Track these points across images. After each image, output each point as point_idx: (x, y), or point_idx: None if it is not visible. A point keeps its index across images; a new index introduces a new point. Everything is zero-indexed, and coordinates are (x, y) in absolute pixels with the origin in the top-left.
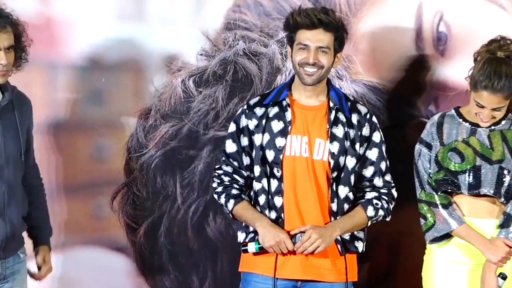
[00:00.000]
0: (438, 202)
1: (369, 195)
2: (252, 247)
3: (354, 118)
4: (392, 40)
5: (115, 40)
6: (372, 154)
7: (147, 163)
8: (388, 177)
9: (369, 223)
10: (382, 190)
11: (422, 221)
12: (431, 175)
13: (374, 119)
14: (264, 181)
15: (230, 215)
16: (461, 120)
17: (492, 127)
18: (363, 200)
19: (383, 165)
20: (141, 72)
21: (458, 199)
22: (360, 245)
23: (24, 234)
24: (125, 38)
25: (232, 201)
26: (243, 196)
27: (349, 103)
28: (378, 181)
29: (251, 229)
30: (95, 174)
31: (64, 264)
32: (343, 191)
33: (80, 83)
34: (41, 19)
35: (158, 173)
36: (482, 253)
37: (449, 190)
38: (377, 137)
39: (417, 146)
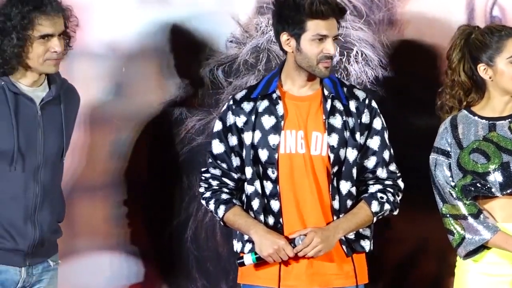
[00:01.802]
0: (466, 213)
1: (373, 188)
2: (248, 259)
3: (352, 105)
4: (441, 25)
5: (137, 25)
6: (374, 143)
7: (172, 161)
8: (392, 167)
9: (375, 219)
10: (386, 182)
11: (450, 237)
12: (455, 184)
13: (374, 104)
14: (257, 183)
15: (221, 222)
16: (476, 117)
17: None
18: (366, 195)
19: (386, 154)
20: (165, 61)
21: (489, 205)
22: (367, 244)
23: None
24: (148, 23)
25: (222, 207)
26: (234, 201)
27: (345, 89)
28: (381, 172)
29: (246, 237)
30: (114, 173)
31: (80, 270)
32: (345, 186)
33: (97, 73)
34: None
35: (184, 171)
36: None
37: (481, 195)
38: (378, 124)
39: (432, 156)
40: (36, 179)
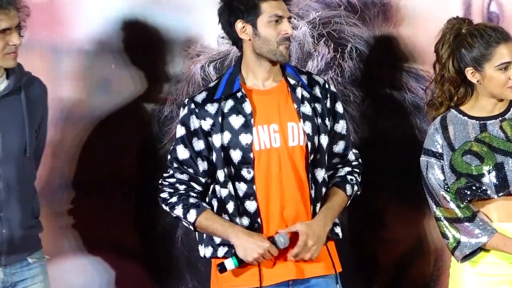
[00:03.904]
0: (461, 216)
1: (342, 171)
2: (230, 264)
3: (317, 90)
4: (437, 21)
5: (126, 21)
6: (340, 127)
7: (163, 159)
8: (354, 149)
9: (348, 202)
10: (354, 163)
11: (445, 241)
12: (448, 187)
13: (333, 88)
14: (230, 185)
15: (191, 227)
16: (466, 117)
17: (502, 117)
18: (338, 179)
19: (350, 137)
20: (155, 57)
21: (484, 206)
22: (339, 231)
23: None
24: (137, 19)
25: (193, 212)
26: (204, 204)
27: (305, 76)
28: (351, 156)
29: (217, 241)
30: (105, 171)
31: (69, 271)
32: (321, 174)
33: (87, 70)
34: None
35: None
36: None
37: (476, 198)
38: (340, 107)
39: (423, 158)
40: None
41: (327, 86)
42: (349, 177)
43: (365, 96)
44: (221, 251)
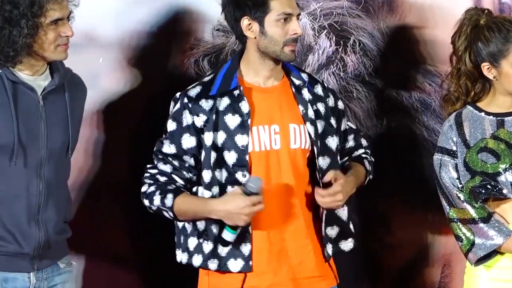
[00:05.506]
0: (476, 217)
1: (356, 153)
2: (228, 235)
3: (319, 89)
4: (445, 12)
5: (115, 12)
6: (345, 124)
7: None
8: (363, 139)
9: (366, 181)
10: (364, 144)
11: (458, 243)
12: (462, 186)
13: (331, 86)
14: (216, 189)
15: (171, 213)
16: (482, 114)
17: None
18: (355, 155)
19: (354, 125)
20: (146, 51)
21: (499, 207)
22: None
23: None
24: (127, 10)
25: (170, 196)
26: (182, 189)
27: (305, 75)
28: (363, 141)
29: (191, 247)
30: (94, 173)
31: None
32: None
33: (73, 64)
34: None
35: None
36: None
37: (491, 197)
38: (341, 104)
39: (436, 156)
40: (39, 175)
41: (326, 84)
42: (364, 156)
43: (369, 92)
44: (197, 259)
